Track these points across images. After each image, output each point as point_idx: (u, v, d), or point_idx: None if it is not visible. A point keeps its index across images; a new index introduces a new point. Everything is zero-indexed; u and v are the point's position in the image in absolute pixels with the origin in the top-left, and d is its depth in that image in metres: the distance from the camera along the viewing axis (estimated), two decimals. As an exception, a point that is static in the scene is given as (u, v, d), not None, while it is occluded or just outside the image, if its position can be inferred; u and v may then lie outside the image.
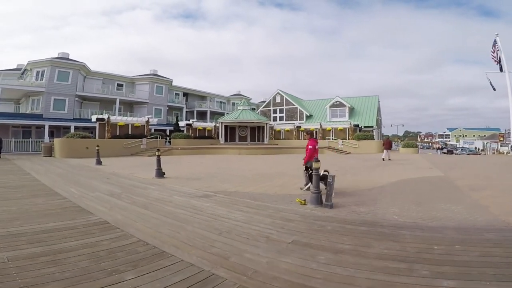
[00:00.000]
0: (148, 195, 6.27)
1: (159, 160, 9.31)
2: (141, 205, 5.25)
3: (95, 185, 7.47)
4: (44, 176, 9.05)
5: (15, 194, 6.06)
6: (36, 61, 24.90)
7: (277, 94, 38.95)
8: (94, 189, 6.78)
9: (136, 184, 7.85)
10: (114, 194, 6.29)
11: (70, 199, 5.62)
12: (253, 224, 4.07)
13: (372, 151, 26.60)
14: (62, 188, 6.82)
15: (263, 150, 24.13)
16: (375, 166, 14.99)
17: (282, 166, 14.00)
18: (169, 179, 8.95)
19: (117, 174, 10.04)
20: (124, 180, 8.59)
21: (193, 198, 6.09)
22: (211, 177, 9.49)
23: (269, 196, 6.26)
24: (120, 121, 21.38)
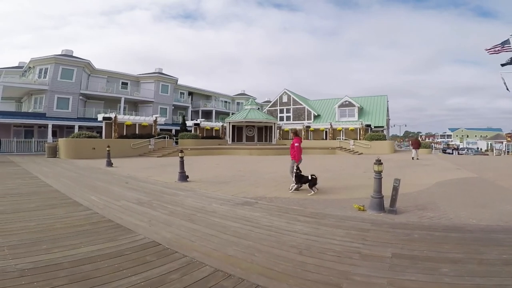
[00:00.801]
0: (183, 203, 5.46)
1: (182, 163, 8.48)
2: (183, 217, 4.46)
3: (116, 191, 6.64)
4: (54, 180, 8.21)
5: (28, 203, 5.21)
6: (39, 58, 24.00)
7: (284, 93, 38.16)
8: (118, 197, 5.95)
9: (161, 189, 7.03)
10: (143, 202, 5.46)
11: (95, 210, 4.79)
12: (328, 238, 3.60)
13: (384, 151, 25.87)
14: (80, 196, 5.99)
15: (274, 150, 23.32)
16: (402, 167, 14.42)
17: (303, 168, 13.17)
18: (194, 183, 8.15)
19: (134, 177, 9.21)
20: (146, 184, 7.75)
21: (235, 206, 5.35)
22: (238, 181, 8.73)
23: (316, 202, 5.76)
24: (127, 120, 20.52)
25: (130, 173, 10.14)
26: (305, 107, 36.29)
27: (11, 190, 6.62)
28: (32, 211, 4.62)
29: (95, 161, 15.47)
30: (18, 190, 6.55)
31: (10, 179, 8.41)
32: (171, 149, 20.65)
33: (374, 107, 35.07)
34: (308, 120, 35.21)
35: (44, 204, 5.14)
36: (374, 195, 4.97)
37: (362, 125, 28.42)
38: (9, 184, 7.47)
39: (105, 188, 6.98)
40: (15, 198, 5.66)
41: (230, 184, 8.04)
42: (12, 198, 5.69)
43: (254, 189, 7.31)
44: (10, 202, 5.30)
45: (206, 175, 9.75)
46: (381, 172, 4.99)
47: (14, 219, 4.12)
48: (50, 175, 9.54)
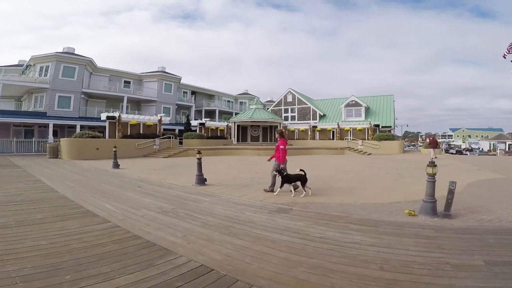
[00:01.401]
0: (212, 212, 4.80)
1: (200, 165, 7.78)
2: (221, 230, 3.81)
3: (131, 197, 5.94)
4: (60, 184, 7.50)
5: (34, 213, 4.52)
6: (40, 56, 23.23)
7: (288, 93, 37.52)
8: (136, 204, 5.25)
9: (181, 194, 6.33)
10: (167, 211, 4.78)
11: (114, 221, 4.10)
12: (399, 248, 3.30)
13: (393, 151, 25.33)
14: (92, 203, 5.29)
15: (283, 151, 22.58)
16: (420, 168, 13.92)
17: (321, 169, 12.56)
18: (213, 186, 7.47)
19: (146, 180, 8.51)
20: (161, 189, 7.06)
21: (271, 214, 4.77)
22: (259, 184, 8.07)
23: (355, 207, 5.40)
24: (131, 119, 19.79)
25: (141, 176, 9.45)
26: (310, 107, 35.64)
27: (13, 196, 5.90)
28: (40, 224, 3.92)
29: (99, 162, 14.76)
30: (21, 197, 5.84)
31: (11, 183, 7.69)
32: (176, 149, 19.95)
33: (380, 106, 34.48)
34: (313, 120, 34.57)
35: (53, 215, 4.44)
36: (427, 199, 4.66)
37: (371, 125, 27.81)
38: (10, 189, 6.76)
39: (118, 194, 6.28)
40: (18, 207, 4.95)
41: (252, 188, 7.39)
42: (15, 206, 4.98)
43: (282, 194, 6.66)
44: (13, 212, 4.60)
45: (223, 178, 9.06)
46: (435, 175, 4.69)
47: (20, 236, 3.42)
48: (54, 178, 8.83)
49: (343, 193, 6.91)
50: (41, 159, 16.60)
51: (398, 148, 26.35)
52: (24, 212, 4.56)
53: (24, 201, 5.40)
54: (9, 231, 3.59)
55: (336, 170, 12.01)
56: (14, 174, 9.79)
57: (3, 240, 3.25)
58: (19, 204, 5.18)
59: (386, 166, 14.25)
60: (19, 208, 4.81)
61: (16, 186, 7.25)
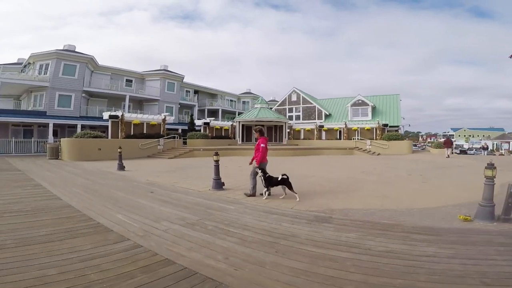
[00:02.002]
0: (245, 224, 4.16)
1: (217, 167, 7.08)
2: (267, 249, 3.19)
3: (147, 206, 5.23)
4: (63, 190, 6.78)
5: (38, 228, 3.81)
6: (40, 53, 22.46)
7: (293, 92, 36.84)
8: (154, 215, 4.55)
9: (201, 201, 5.63)
10: (192, 224, 4.09)
11: (134, 239, 3.40)
12: (484, 259, 2.93)
13: (402, 152, 24.71)
14: (103, 214, 4.59)
15: (291, 151, 21.98)
16: (439, 168, 13.52)
17: (338, 170, 11.88)
18: (232, 191, 6.81)
19: (156, 184, 7.81)
20: (177, 194, 6.36)
21: (312, 224, 4.18)
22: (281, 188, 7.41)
23: (400, 214, 4.93)
24: (135, 119, 19.07)
25: (150, 179, 8.75)
26: (315, 106, 34.96)
27: (11, 205, 5.17)
28: (46, 244, 3.22)
29: (102, 163, 14.04)
30: (20, 205, 5.11)
31: (8, 188, 6.95)
32: (182, 150, 19.23)
33: (386, 106, 33.87)
34: (319, 119, 33.92)
35: (59, 230, 3.73)
36: (485, 203, 4.39)
37: (379, 124, 27.19)
38: (7, 196, 6.02)
39: (130, 202, 5.57)
40: (17, 219, 4.23)
41: (275, 193, 6.72)
42: (13, 219, 4.26)
43: (310, 198, 6.03)
44: (11, 226, 3.89)
45: (239, 181, 8.36)
46: (494, 177, 4.37)
47: (21, 261, 2.72)
48: (56, 182, 8.11)
49: (376, 197, 6.41)
50: (41, 160, 15.88)
51: (407, 148, 25.75)
52: (25, 226, 3.85)
53: (24, 212, 4.68)
54: (7, 253, 2.89)
55: (355, 172, 11.35)
56: (12, 177, 9.04)
57: (0, 267, 2.55)
58: (18, 215, 4.46)
59: (403, 167, 13.65)
60: (18, 221, 4.10)
61: (14, 192, 6.51)
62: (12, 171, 10.72)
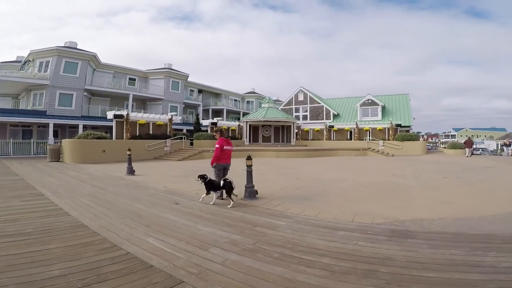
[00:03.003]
0: (314, 246, 3.24)
1: (251, 173, 6.09)
2: (368, 282, 2.16)
3: (178, 223, 4.21)
4: (70, 201, 5.73)
5: (46, 263, 2.78)
6: (40, 50, 21.40)
7: (299, 91, 35.90)
8: (196, 238, 3.53)
9: (241, 216, 4.63)
10: (250, 250, 3.10)
11: (189, 281, 2.40)
12: None
13: (416, 152, 23.79)
14: (128, 237, 3.58)
15: (304, 152, 20.98)
16: (469, 169, 12.87)
17: (365, 173, 10.90)
18: (268, 200, 5.85)
19: (177, 192, 6.80)
20: (207, 207, 5.35)
21: (395, 242, 3.34)
22: (318, 195, 6.64)
23: (480, 222, 4.34)
24: (140, 118, 18.04)
25: (167, 185, 7.74)
26: (323, 106, 34.02)
27: (6, 224, 4.10)
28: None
29: (108, 166, 13.02)
30: (18, 225, 4.04)
31: (2, 199, 5.85)
32: (190, 151, 18.19)
33: (396, 106, 32.97)
34: (327, 119, 32.98)
35: (78, 267, 2.69)
36: None
37: (392, 124, 26.24)
38: (3, 210, 4.93)
39: (157, 218, 4.55)
40: (15, 248, 3.16)
41: (316, 201, 5.92)
42: (9, 247, 3.19)
43: (363, 207, 5.09)
44: (8, 258, 2.87)
45: (269, 188, 7.38)
46: None
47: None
48: (61, 190, 7.07)
49: (435, 203, 5.71)
50: (41, 163, 14.83)
51: (421, 149, 24.87)
52: (27, 261, 2.81)
53: (24, 235, 3.63)
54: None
55: (386, 175, 10.38)
56: (8, 184, 7.95)
57: None
58: (16, 241, 3.41)
59: (431, 169, 12.76)
60: (17, 252, 3.03)
61: (11, 204, 5.42)
62: (9, 176, 9.65)
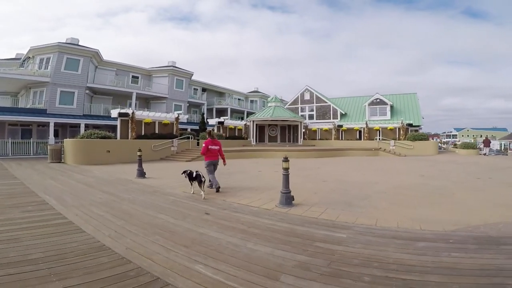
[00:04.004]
0: (409, 263, 2.31)
1: (287, 177, 5.28)
2: None
3: (223, 242, 3.39)
4: (81, 213, 4.86)
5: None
6: (40, 46, 20.52)
7: (305, 90, 35.12)
8: (255, 263, 2.72)
9: (290, 228, 3.80)
10: (334, 276, 2.26)
11: None
12: None
13: (428, 152, 23.04)
14: (171, 265, 2.75)
15: (316, 152, 20.17)
16: (498, 169, 12.31)
17: (394, 174, 10.09)
18: (308, 207, 5.05)
19: (200, 199, 5.97)
20: (244, 217, 4.53)
21: (491, 252, 2.35)
22: (362, 199, 5.89)
23: None
24: (146, 117, 17.19)
25: (186, 190, 6.92)
26: (330, 105, 33.24)
27: (8, 246, 3.18)
28: None
29: (113, 168, 12.19)
30: (23, 247, 3.13)
31: (0, 209, 4.96)
32: (198, 152, 17.30)
33: (405, 105, 32.23)
34: (334, 118, 32.22)
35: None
36: None
37: (403, 124, 25.51)
38: (1, 225, 4.02)
39: (193, 234, 3.71)
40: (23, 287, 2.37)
41: (362, 206, 5.26)
42: (16, 281, 2.40)
43: (415, 211, 4.59)
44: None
45: (295, 191, 6.51)
46: None
47: None
48: (67, 197, 6.21)
49: (495, 206, 5.21)
50: (42, 164, 13.97)
51: (433, 149, 24.12)
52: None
53: (31, 263, 2.75)
54: None
55: (414, 176, 9.62)
56: (6, 190, 7.01)
57: None
58: (23, 272, 2.56)
59: (456, 169, 12.12)
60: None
61: (9, 216, 4.50)
62: (7, 180, 8.74)
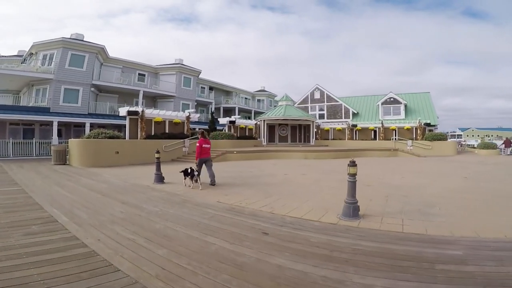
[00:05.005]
0: None
1: (354, 184, 4.25)
2: None
3: (315, 277, 2.36)
4: (103, 236, 3.72)
5: None
6: (44, 42, 19.50)
7: (315, 89, 34.12)
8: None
9: (386, 250, 2.72)
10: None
11: None
12: None
13: (448, 153, 21.99)
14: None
15: (332, 153, 19.10)
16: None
17: (434, 176, 8.99)
18: (377, 218, 3.90)
19: (243, 211, 4.94)
20: (314, 236, 3.47)
21: None
22: (429, 206, 4.85)
23: None
24: (156, 116, 16.16)
25: (221, 200, 5.86)
26: (341, 104, 32.21)
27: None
28: None
29: (124, 171, 11.16)
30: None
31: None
32: (213, 153, 16.22)
33: (419, 104, 31.21)
34: (345, 118, 31.19)
35: None
36: None
37: (420, 123, 24.44)
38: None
39: (268, 267, 2.68)
40: None
41: (439, 215, 4.26)
42: None
43: (502, 219, 3.28)
44: None
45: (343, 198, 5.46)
46: None
47: None
48: (80, 211, 5.04)
49: None
50: (45, 166, 12.93)
51: (453, 149, 23.09)
52: None
53: None
54: None
55: (455, 177, 8.61)
56: (4, 201, 5.68)
57: None
58: None
59: (491, 171, 11.26)
60: None
61: (7, 243, 3.31)
62: (6, 186, 7.52)
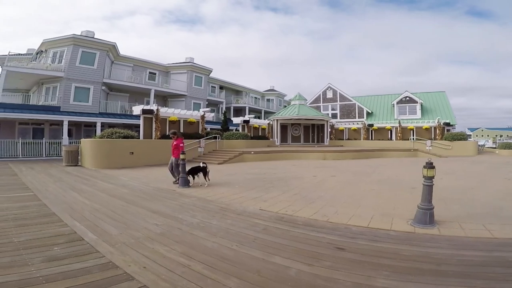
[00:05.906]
0: None
1: (430, 188, 3.61)
2: None
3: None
4: (145, 259, 2.99)
5: None
6: (54, 39, 19.04)
7: (328, 88, 33.31)
8: None
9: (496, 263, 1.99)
10: None
11: None
12: None
13: (468, 153, 21.07)
14: None
15: (351, 153, 18.30)
16: None
17: (470, 177, 8.04)
18: (454, 225, 3.13)
19: (295, 221, 4.23)
20: (395, 248, 2.72)
21: None
22: (496, 208, 3.84)
23: None
24: (171, 115, 15.53)
25: (262, 207, 5.14)
26: (355, 104, 31.36)
27: None
28: None
29: (141, 173, 10.52)
30: None
31: (8, 255, 2.88)
32: (229, 153, 15.56)
33: (435, 103, 30.29)
34: (359, 117, 30.34)
35: None
36: None
37: (439, 123, 23.49)
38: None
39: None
40: None
41: None
42: None
43: None
44: None
45: (401, 205, 4.68)
46: None
47: None
48: (107, 224, 4.22)
49: None
50: (56, 168, 12.32)
51: (473, 149, 22.13)
52: None
53: None
54: None
55: (497, 179, 7.72)
56: (15, 210, 4.77)
57: None
58: None
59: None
60: None
61: (23, 270, 2.53)
62: (16, 192, 6.71)
